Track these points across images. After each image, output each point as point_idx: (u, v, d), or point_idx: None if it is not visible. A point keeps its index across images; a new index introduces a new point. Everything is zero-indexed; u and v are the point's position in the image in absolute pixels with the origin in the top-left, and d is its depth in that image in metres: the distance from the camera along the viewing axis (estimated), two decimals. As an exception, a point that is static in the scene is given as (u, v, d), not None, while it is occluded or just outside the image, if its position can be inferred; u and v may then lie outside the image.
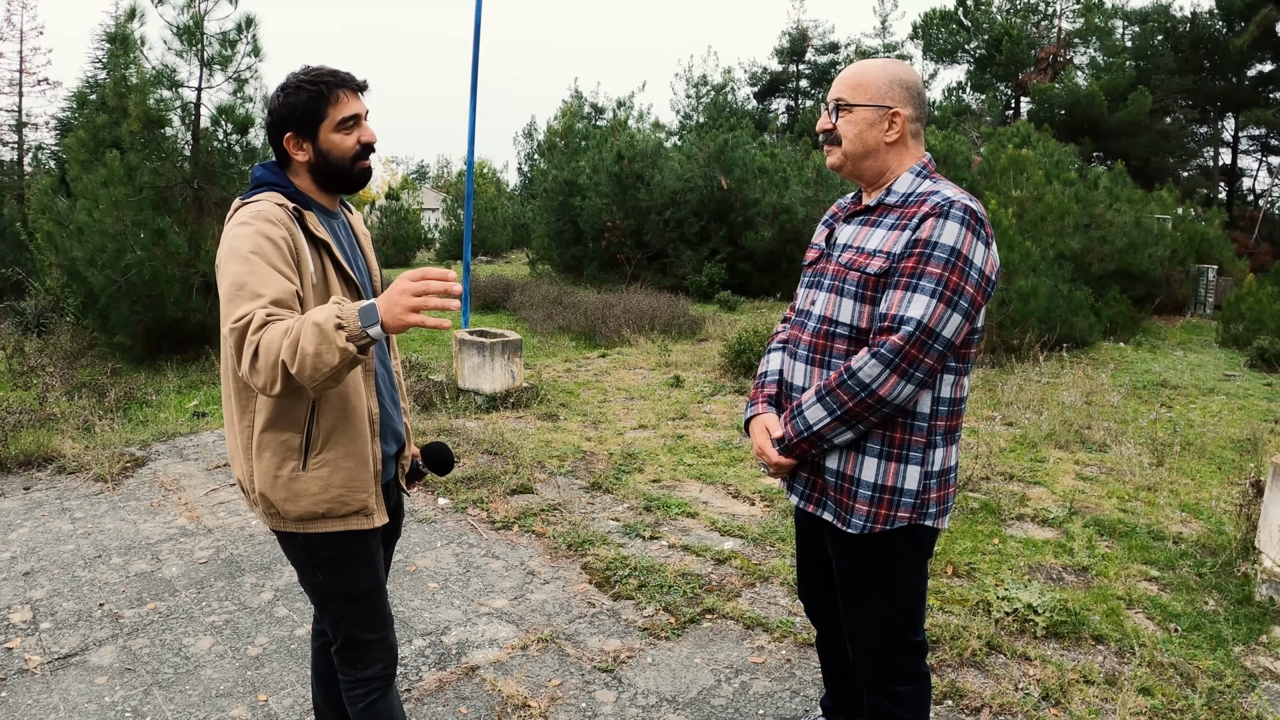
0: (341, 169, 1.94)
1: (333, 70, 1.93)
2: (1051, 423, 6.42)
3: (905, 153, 2.00)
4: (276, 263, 1.77)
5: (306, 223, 1.89)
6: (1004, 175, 11.61)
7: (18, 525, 4.38)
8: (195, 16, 9.74)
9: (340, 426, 1.91)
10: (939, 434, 1.97)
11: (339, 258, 1.94)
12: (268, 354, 1.62)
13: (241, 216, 1.83)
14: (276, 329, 1.63)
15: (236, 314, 1.68)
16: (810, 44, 36.58)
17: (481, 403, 6.92)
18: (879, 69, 1.98)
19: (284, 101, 1.90)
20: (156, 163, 9.69)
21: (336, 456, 1.90)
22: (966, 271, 1.85)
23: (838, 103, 2.00)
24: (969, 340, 1.95)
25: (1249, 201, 29.21)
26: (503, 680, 2.96)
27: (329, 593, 1.99)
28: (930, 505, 1.98)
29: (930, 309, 1.83)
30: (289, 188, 1.93)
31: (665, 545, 4.16)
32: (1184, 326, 13.57)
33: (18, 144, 22.29)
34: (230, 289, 1.74)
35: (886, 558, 2.03)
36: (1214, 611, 3.49)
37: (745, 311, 14.09)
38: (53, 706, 2.80)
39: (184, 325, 9.67)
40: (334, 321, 1.59)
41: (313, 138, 1.91)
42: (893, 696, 2.12)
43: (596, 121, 26.10)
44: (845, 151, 2.00)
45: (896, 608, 2.07)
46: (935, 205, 1.88)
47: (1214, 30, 27.25)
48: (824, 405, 1.94)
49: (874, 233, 1.98)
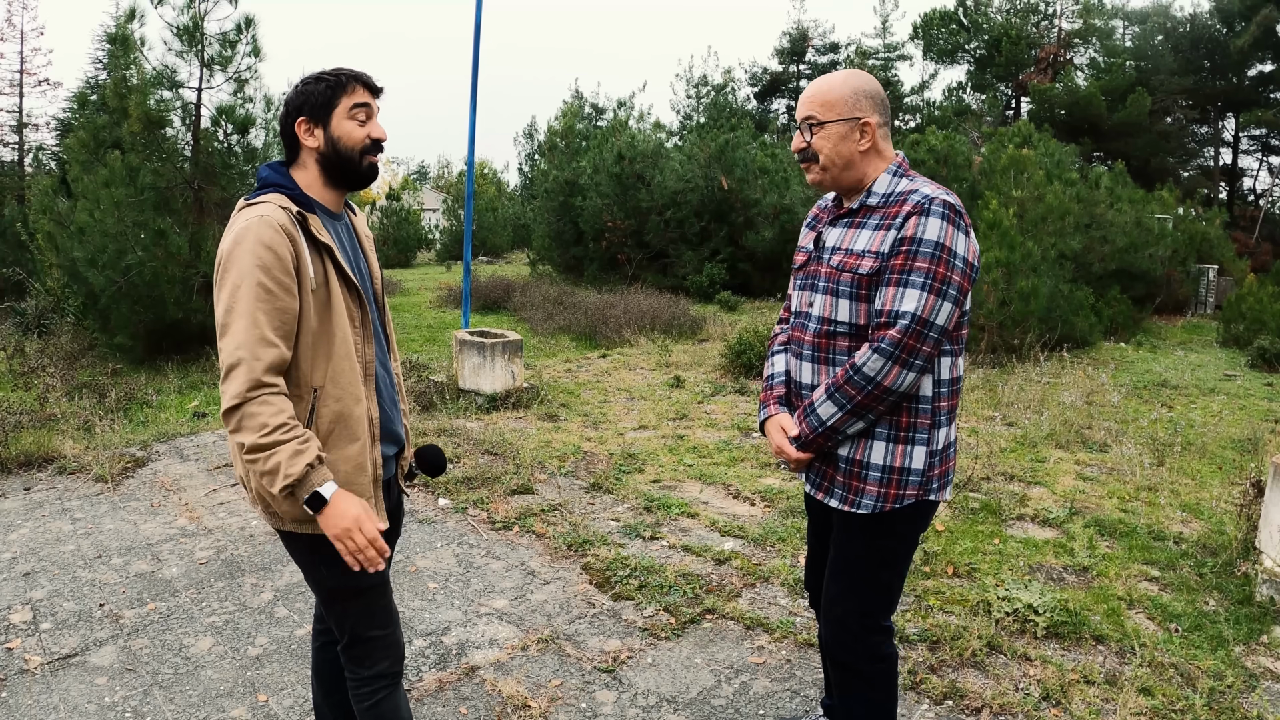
0: (350, 160, 1.96)
1: (351, 69, 1.98)
2: (1052, 423, 6.41)
3: (878, 157, 2.11)
4: (275, 291, 1.81)
5: (310, 226, 1.90)
6: (1004, 175, 11.61)
7: (18, 526, 4.38)
8: (195, 17, 9.74)
9: (338, 430, 1.93)
10: (942, 414, 2.10)
11: (341, 262, 1.95)
12: (249, 424, 1.77)
13: (244, 221, 1.84)
14: (267, 414, 1.77)
15: (228, 358, 1.79)
16: (811, 44, 36.56)
17: (482, 403, 6.92)
18: (841, 83, 2.08)
19: (300, 90, 1.95)
20: (157, 163, 9.69)
21: (334, 460, 1.91)
22: (951, 262, 1.97)
23: (809, 120, 2.09)
24: (959, 323, 2.07)
25: (1249, 201, 29.19)
26: (503, 680, 2.96)
27: (333, 589, 2.00)
28: (934, 481, 2.10)
29: (922, 301, 1.95)
30: (294, 189, 1.94)
31: (665, 545, 4.16)
32: (1185, 326, 13.57)
33: (18, 144, 22.28)
34: (226, 315, 1.81)
35: (889, 534, 2.14)
36: (1214, 611, 3.49)
37: (746, 312, 14.09)
38: (53, 707, 2.80)
39: (184, 326, 9.67)
40: (286, 481, 1.76)
41: (324, 124, 1.93)
42: (862, 675, 2.23)
43: (597, 122, 26.10)
44: (824, 166, 2.10)
45: (881, 585, 2.19)
46: (916, 204, 1.99)
47: (1214, 30, 27.23)
48: (834, 401, 2.06)
49: (860, 234, 2.08)
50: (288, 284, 1.82)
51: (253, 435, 1.76)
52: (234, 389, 1.77)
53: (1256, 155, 29.81)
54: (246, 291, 1.78)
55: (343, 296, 1.95)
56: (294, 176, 1.98)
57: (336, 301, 1.93)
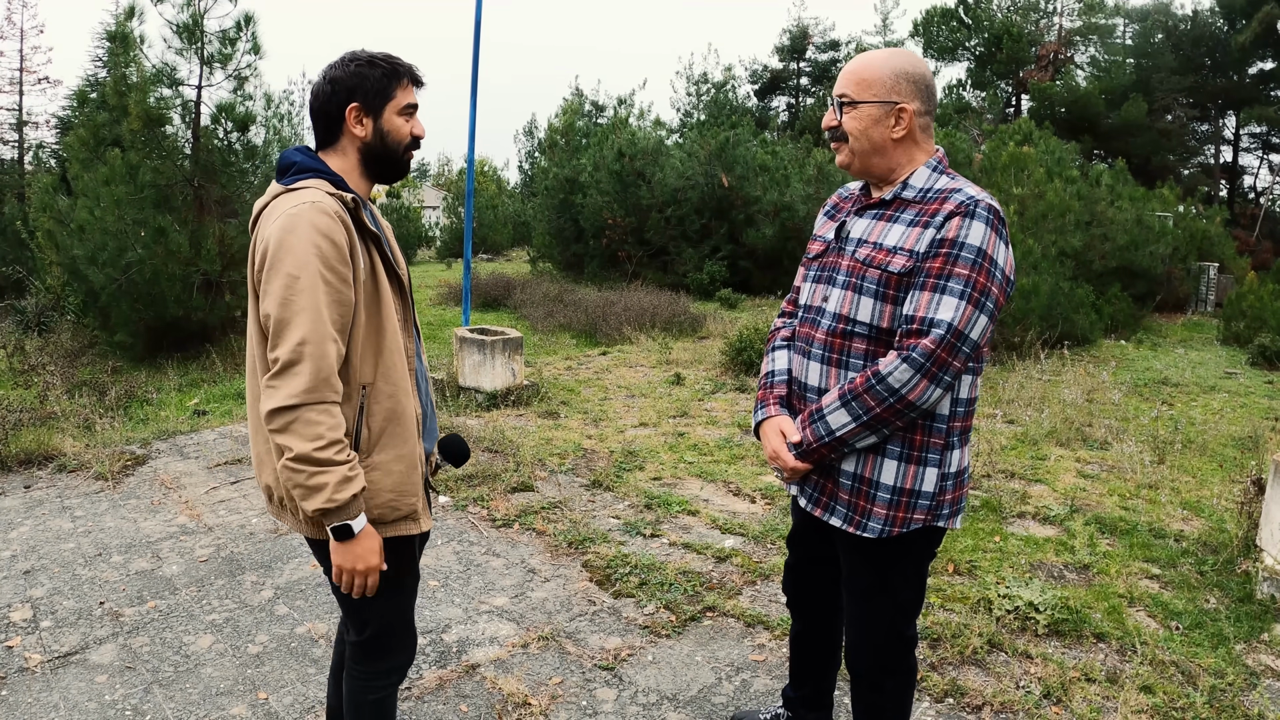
0: (394, 154, 1.90)
1: (401, 58, 1.90)
2: (1053, 420, 6.41)
3: (915, 148, 1.95)
4: (334, 282, 1.70)
5: (361, 216, 1.81)
6: (1005, 173, 11.60)
7: (18, 523, 4.38)
8: (195, 14, 9.73)
9: (390, 428, 1.84)
10: (955, 435, 1.96)
11: (388, 253, 1.88)
12: (303, 430, 1.67)
13: (293, 207, 1.72)
14: (325, 426, 1.68)
15: (289, 355, 1.67)
16: (811, 41, 36.54)
17: (482, 400, 6.92)
18: (883, 62, 1.91)
19: (355, 71, 1.83)
20: (157, 161, 9.69)
21: (387, 460, 1.84)
22: (992, 272, 1.82)
23: (841, 99, 1.94)
24: (987, 340, 1.94)
25: (1250, 199, 29.18)
26: (503, 678, 2.96)
27: (370, 595, 1.91)
28: (944, 507, 1.97)
29: (960, 311, 1.79)
30: (335, 176, 1.84)
31: (666, 543, 4.16)
32: (1185, 324, 13.56)
33: (18, 142, 22.28)
34: (283, 309, 1.68)
35: (898, 559, 2.03)
36: (1215, 609, 3.49)
37: (746, 309, 14.08)
38: (53, 705, 2.80)
39: (185, 324, 9.66)
40: (328, 506, 1.69)
41: (377, 115, 1.85)
42: (879, 688, 2.16)
43: (597, 119, 26.06)
44: (853, 149, 1.95)
45: (899, 605, 2.09)
46: (960, 204, 1.83)
47: (1215, 28, 27.21)
48: (848, 410, 1.89)
49: (892, 228, 1.92)
50: (345, 275, 1.72)
51: (305, 444, 1.65)
52: (294, 387, 1.65)
53: (1257, 153, 29.83)
54: (308, 283, 1.67)
55: (389, 288, 1.87)
56: (328, 161, 1.88)
57: (385, 294, 1.84)
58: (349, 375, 1.78)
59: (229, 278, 9.65)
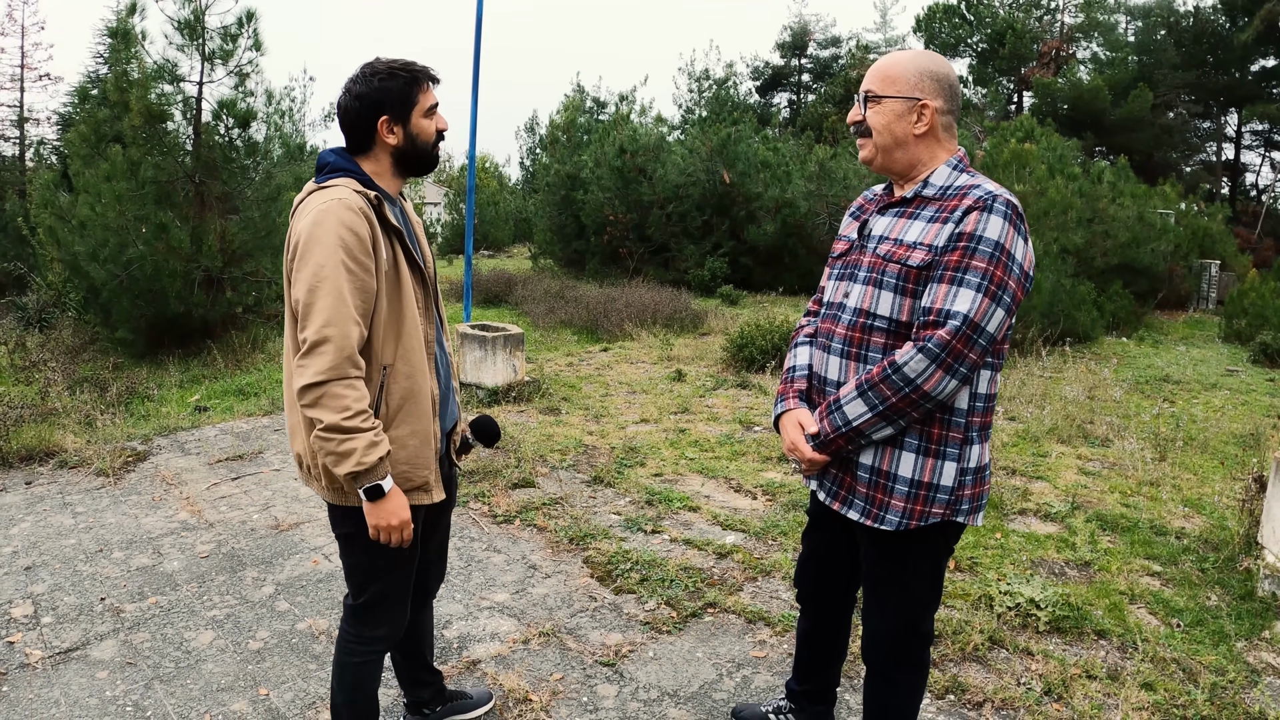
0: (425, 152, 2.07)
1: (416, 62, 2.05)
2: (1054, 417, 6.41)
3: (937, 145, 1.99)
4: (356, 271, 1.87)
5: (384, 212, 1.98)
6: (1007, 169, 11.58)
7: (19, 520, 4.38)
8: (196, 11, 9.70)
9: (407, 405, 2.02)
10: (975, 429, 1.97)
11: (409, 246, 2.05)
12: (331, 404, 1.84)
13: (321, 203, 1.89)
14: (351, 398, 1.85)
15: (316, 335, 1.84)
16: (812, 38, 36.51)
17: (483, 397, 6.92)
18: (909, 60, 1.98)
19: (378, 86, 1.99)
20: (158, 157, 9.66)
21: (403, 434, 2.01)
22: (1009, 266, 1.85)
23: (867, 94, 1.99)
24: (1005, 335, 1.95)
25: (1252, 197, 29.14)
26: (504, 674, 2.96)
27: (375, 558, 2.08)
28: (963, 502, 1.98)
29: (976, 303, 1.82)
30: (363, 175, 2.01)
31: (667, 539, 4.16)
32: (1187, 321, 13.55)
33: (19, 139, 22.26)
34: (310, 295, 1.85)
35: (916, 555, 2.04)
36: (1216, 607, 3.49)
37: (747, 306, 14.08)
38: (54, 701, 2.80)
39: (186, 320, 9.64)
40: (358, 469, 1.86)
41: (405, 122, 2.01)
42: (892, 681, 2.17)
43: (599, 116, 26.02)
44: (876, 144, 1.99)
45: (915, 600, 2.10)
46: (978, 199, 1.87)
47: (1217, 25, 27.16)
48: (865, 400, 1.92)
49: (912, 224, 1.96)
50: (367, 264, 1.90)
51: (334, 415, 1.83)
52: (320, 365, 1.83)
53: (1259, 151, 29.81)
54: (332, 271, 1.85)
55: (411, 280, 2.04)
56: (362, 164, 2.04)
57: (405, 283, 2.02)
58: (371, 356, 1.96)
59: (230, 274, 9.65)
